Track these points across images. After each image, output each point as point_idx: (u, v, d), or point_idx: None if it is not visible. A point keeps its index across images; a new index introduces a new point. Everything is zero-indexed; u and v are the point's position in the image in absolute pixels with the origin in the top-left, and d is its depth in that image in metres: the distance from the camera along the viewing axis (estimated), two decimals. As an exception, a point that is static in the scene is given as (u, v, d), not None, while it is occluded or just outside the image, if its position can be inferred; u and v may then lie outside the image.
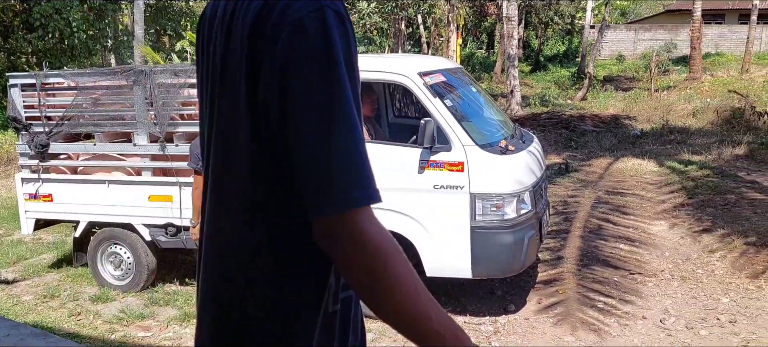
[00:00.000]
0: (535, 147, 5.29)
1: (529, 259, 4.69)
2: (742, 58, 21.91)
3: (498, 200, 4.46)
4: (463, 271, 4.61)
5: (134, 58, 16.85)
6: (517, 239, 4.51)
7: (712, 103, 15.70)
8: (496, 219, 4.48)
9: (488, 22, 35.02)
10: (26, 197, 5.96)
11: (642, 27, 35.11)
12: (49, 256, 7.14)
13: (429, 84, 4.69)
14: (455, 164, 4.48)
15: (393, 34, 27.57)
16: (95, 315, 5.36)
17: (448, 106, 4.63)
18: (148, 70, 5.35)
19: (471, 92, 5.56)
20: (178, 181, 5.34)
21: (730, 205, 7.63)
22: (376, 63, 5.09)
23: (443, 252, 4.63)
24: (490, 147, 4.59)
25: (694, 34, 20.07)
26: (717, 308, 5.03)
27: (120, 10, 23.12)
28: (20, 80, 5.80)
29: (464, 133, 4.51)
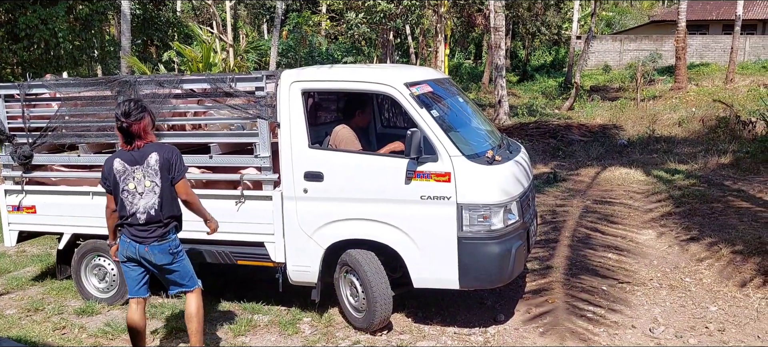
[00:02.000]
0: (523, 157, 5.26)
1: (516, 269, 4.65)
2: (727, 68, 22.17)
3: (485, 210, 4.41)
4: (450, 282, 4.56)
5: (121, 69, 16.76)
6: (504, 249, 4.46)
7: (698, 112, 15.86)
8: (484, 230, 4.43)
9: (476, 33, 35.21)
10: (9, 209, 5.87)
11: (627, 38, 35.46)
12: (33, 269, 7.03)
13: (416, 95, 4.64)
14: (442, 174, 4.42)
15: (381, 45, 27.61)
16: (80, 328, 5.28)
17: (434, 116, 4.59)
18: (132, 81, 5.29)
19: (458, 102, 5.54)
20: None
21: (716, 213, 7.69)
22: (363, 74, 5.05)
23: (430, 263, 4.56)
24: (477, 157, 4.55)
25: (679, 44, 20.29)
26: (705, 316, 5.04)
27: (107, 20, 23.00)
28: (3, 91, 5.72)
29: (451, 143, 4.46)
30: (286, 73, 4.89)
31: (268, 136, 4.88)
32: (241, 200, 5.03)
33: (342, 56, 28.87)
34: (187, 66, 15.13)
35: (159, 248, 4.07)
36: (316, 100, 5.77)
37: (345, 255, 4.85)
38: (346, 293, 4.99)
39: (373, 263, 4.72)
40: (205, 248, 5.21)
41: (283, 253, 4.99)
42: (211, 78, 5.11)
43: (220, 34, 19.17)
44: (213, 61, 14.80)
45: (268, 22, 32.39)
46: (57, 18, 17.81)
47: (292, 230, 4.92)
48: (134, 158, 4.01)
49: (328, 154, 4.87)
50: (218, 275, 6.11)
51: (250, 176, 5.04)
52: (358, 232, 4.73)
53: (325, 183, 4.74)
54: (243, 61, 18.93)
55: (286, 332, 5.03)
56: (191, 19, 26.92)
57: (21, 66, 18.94)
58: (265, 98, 4.84)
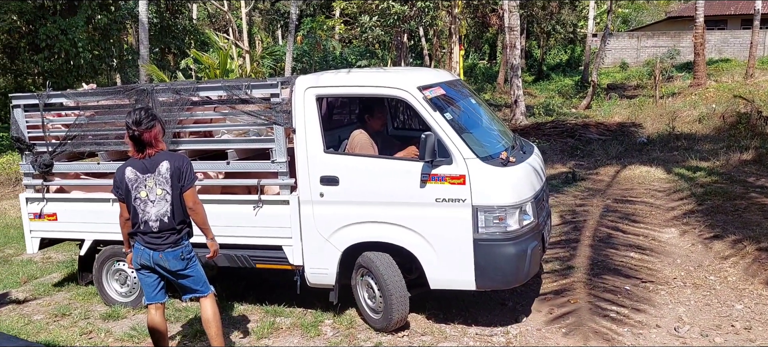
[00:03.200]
0: (536, 157, 5.26)
1: (532, 269, 4.66)
2: (746, 63, 21.88)
3: (500, 212, 4.43)
4: (466, 283, 4.60)
5: (140, 77, 16.95)
6: (520, 250, 4.48)
7: (718, 108, 15.67)
8: (499, 231, 4.45)
9: (490, 33, 35.14)
10: (31, 217, 5.96)
11: (644, 34, 35.13)
12: (59, 274, 7.14)
13: (429, 98, 4.66)
14: (457, 177, 4.45)
15: (395, 47, 27.65)
16: (106, 333, 5.35)
17: (448, 119, 4.60)
18: (149, 89, 5.33)
19: (471, 103, 5.55)
20: None
21: (740, 210, 7.60)
22: (375, 78, 5.08)
23: (447, 265, 4.60)
24: (491, 159, 4.56)
25: (697, 40, 20.06)
26: (731, 315, 4.99)
27: (125, 29, 23.29)
28: (23, 101, 5.81)
29: (465, 146, 4.48)
30: (300, 79, 4.94)
31: (284, 141, 4.94)
32: (259, 204, 5.09)
33: (356, 60, 28.95)
34: (204, 73, 15.26)
35: (173, 254, 4.12)
36: (332, 105, 5.80)
37: (361, 258, 4.89)
38: (364, 295, 5.05)
39: (388, 264, 4.76)
40: (224, 253, 5.22)
41: (300, 256, 5.06)
42: (226, 85, 5.16)
43: (236, 41, 19.32)
44: (230, 67, 14.89)
45: (283, 28, 32.61)
46: (76, 28, 18.09)
47: (309, 234, 4.98)
48: (146, 167, 4.06)
49: (343, 158, 4.90)
50: (239, 278, 6.16)
51: (268, 182, 5.10)
52: (373, 235, 4.77)
53: (341, 187, 4.78)
54: (259, 67, 19.05)
55: (308, 334, 5.06)
56: (207, 26, 27.17)
57: (42, 76, 19.27)
58: (280, 104, 4.88)
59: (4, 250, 8.66)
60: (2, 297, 6.46)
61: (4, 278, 7.21)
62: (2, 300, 6.37)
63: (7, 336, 4.83)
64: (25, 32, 19.02)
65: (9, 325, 5.60)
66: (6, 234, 9.49)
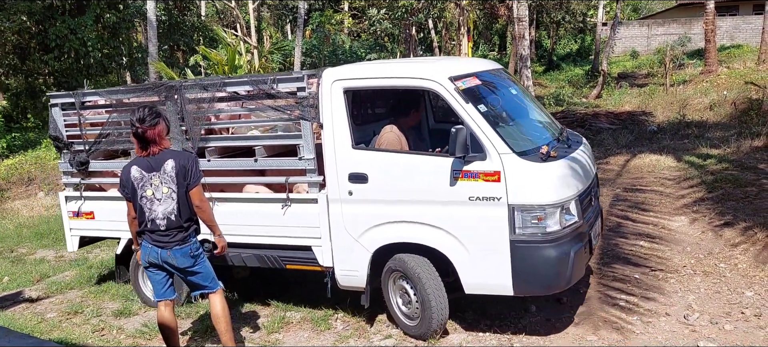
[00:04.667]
0: (583, 151, 4.89)
1: (575, 274, 4.31)
2: (758, 49, 21.62)
3: (539, 211, 4.10)
4: (503, 288, 4.30)
5: (149, 75, 17.04)
6: (561, 253, 4.14)
7: (729, 95, 15.52)
8: (538, 232, 4.12)
9: (499, 24, 34.99)
10: (70, 215, 5.97)
11: (655, 22, 34.83)
12: (71, 273, 7.23)
13: (461, 89, 4.36)
14: (491, 173, 4.15)
15: (404, 40, 27.60)
16: (118, 329, 5.41)
17: (482, 111, 4.29)
18: (178, 85, 5.23)
19: (511, 94, 5.20)
20: (210, 197, 5.17)
21: (750, 198, 7.53)
22: (405, 69, 4.81)
23: (482, 269, 4.30)
24: (529, 154, 4.23)
25: (708, 26, 19.85)
26: (741, 302, 4.96)
27: (133, 27, 23.41)
28: (60, 100, 5.81)
29: (500, 140, 4.17)
30: (327, 71, 4.73)
31: (311, 137, 4.76)
32: (287, 203, 4.94)
33: (365, 53, 28.93)
34: (213, 69, 15.31)
35: (181, 252, 4.14)
36: (366, 98, 5.55)
37: (396, 260, 4.64)
38: (396, 300, 4.80)
39: (426, 267, 4.51)
40: (254, 253, 5.15)
41: (330, 257, 4.86)
42: (252, 80, 5.01)
43: (245, 37, 19.36)
44: (238, 63, 14.94)
45: (291, 23, 32.64)
46: (85, 27, 18.21)
47: (339, 234, 4.77)
48: (151, 165, 4.08)
49: (371, 154, 4.66)
50: (255, 277, 6.20)
51: (296, 180, 4.94)
52: (405, 235, 4.53)
53: (370, 185, 4.56)
54: (267, 62, 19.08)
55: (318, 328, 5.09)
56: (215, 22, 27.24)
57: (52, 76, 19.42)
58: (307, 98, 4.70)
59: (17, 249, 8.77)
60: (16, 296, 6.55)
61: (18, 277, 7.31)
62: (16, 299, 6.46)
63: (21, 335, 4.90)
64: (35, 32, 19.17)
65: (22, 323, 5.68)
66: (19, 234, 9.61)
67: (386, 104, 5.70)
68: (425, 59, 5.36)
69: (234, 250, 5.12)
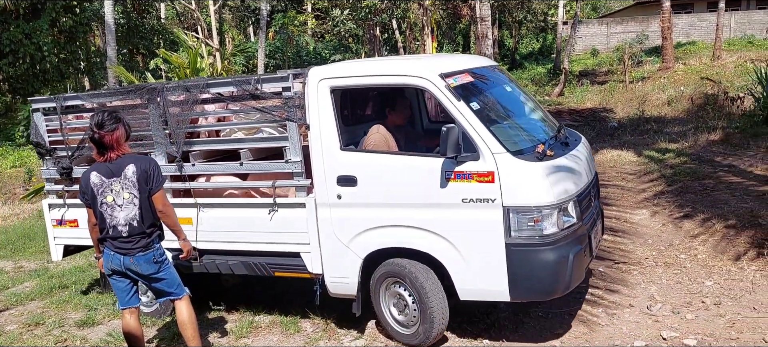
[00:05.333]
0: (582, 149, 4.73)
1: (575, 278, 4.13)
2: (713, 45, 22.27)
3: (535, 213, 3.92)
4: (499, 294, 4.11)
5: (108, 79, 16.68)
6: (560, 256, 3.96)
7: (686, 91, 15.95)
8: (535, 235, 3.94)
9: (463, 24, 35.26)
10: (54, 223, 5.75)
11: (613, 20, 35.58)
12: (31, 284, 7.03)
13: (452, 86, 4.19)
14: (484, 174, 3.97)
15: (368, 41, 27.61)
16: (82, 340, 5.29)
17: (474, 109, 4.11)
18: (161, 87, 5.02)
19: (506, 91, 5.00)
20: (196, 203, 5.03)
21: (708, 190, 7.76)
22: (394, 66, 4.64)
23: (477, 274, 4.12)
24: (524, 153, 4.06)
25: (665, 24, 20.37)
26: (701, 291, 5.10)
27: (91, 31, 22.91)
28: (42, 104, 5.57)
29: (493, 139, 3.99)
30: (313, 70, 4.54)
31: (298, 139, 4.56)
32: (274, 208, 4.74)
33: (330, 55, 28.87)
34: (174, 73, 15.09)
35: (144, 259, 4.06)
36: (355, 98, 5.33)
37: (390, 265, 4.45)
38: (389, 307, 4.60)
39: (428, 273, 4.31)
40: (241, 260, 4.97)
41: (319, 263, 4.65)
42: (236, 80, 4.79)
43: (206, 39, 19.12)
44: (200, 66, 14.73)
45: (254, 24, 32.35)
46: (41, 32, 17.76)
47: (328, 240, 4.57)
48: (111, 170, 3.99)
49: (360, 156, 4.47)
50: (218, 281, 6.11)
51: (282, 184, 4.74)
52: (396, 240, 4.34)
53: (359, 188, 4.36)
54: (230, 64, 18.88)
55: (288, 331, 5.05)
56: (176, 25, 26.83)
57: (7, 82, 18.87)
58: (293, 98, 4.49)
59: (-26, 261, 8.49)
60: (-27, 309, 6.33)
61: (-25, 289, 7.07)
62: (-27, 312, 6.25)
63: (-21, 348, 4.74)
64: (-12, 38, 18.61)
65: (-19, 337, 5.50)
66: (-24, 245, 9.31)
67: (374, 104, 5.51)
68: (417, 56, 5.12)
69: (221, 257, 5.00)
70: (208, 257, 5.09)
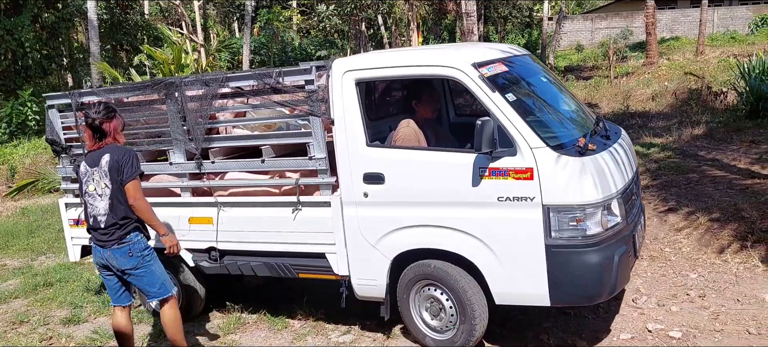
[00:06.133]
0: (623, 143, 4.48)
1: (621, 281, 3.90)
2: (696, 40, 22.50)
3: (578, 212, 3.66)
4: (539, 298, 3.86)
5: (92, 76, 16.52)
6: (604, 258, 3.71)
7: (670, 86, 16.10)
8: (577, 236, 3.68)
9: (448, 20, 35.29)
10: (70, 223, 5.52)
11: (598, 16, 35.81)
12: (15, 282, 6.95)
13: (487, 76, 3.91)
14: (523, 170, 3.71)
15: (354, 36, 27.56)
16: (67, 337, 5.24)
17: (510, 101, 3.84)
18: (178, 82, 4.80)
19: (541, 81, 4.73)
20: (217, 201, 4.83)
21: (692, 183, 7.83)
22: (423, 56, 4.34)
23: (514, 277, 3.88)
24: (565, 148, 3.80)
25: (649, 20, 20.53)
26: (686, 284, 5.15)
27: (74, 27, 22.66)
28: (57, 101, 5.37)
29: (531, 132, 3.72)
30: (337, 62, 4.31)
31: (322, 135, 4.33)
32: (298, 206, 4.52)
33: (315, 50, 28.79)
34: (158, 69, 14.98)
35: (119, 252, 3.97)
36: (381, 90, 5.10)
37: (422, 267, 4.22)
38: (420, 311, 4.37)
39: (466, 275, 4.08)
40: (264, 261, 4.76)
41: (346, 265, 4.43)
42: (256, 74, 4.55)
43: (191, 35, 18.99)
44: (185, 62, 14.67)
45: (239, 20, 32.14)
46: (22, 28, 17.53)
47: (355, 240, 4.35)
48: (94, 160, 3.95)
49: (387, 152, 4.25)
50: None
51: (306, 182, 4.51)
52: (427, 240, 4.11)
53: (387, 185, 4.13)
54: (215, 60, 18.78)
55: (275, 327, 5.04)
56: (160, 20, 26.61)
57: (-11, 78, 18.62)
58: (316, 92, 4.27)
59: (-45, 259, 8.37)
60: (-44, 308, 6.25)
61: (-43, 288, 6.98)
62: (-44, 311, 6.17)
63: (-38, 347, 4.69)
64: (-31, 34, 18.34)
65: (-36, 336, 5.44)
66: (-43, 243, 9.17)
67: (400, 96, 5.28)
68: (446, 45, 4.78)
69: (243, 258, 4.83)
70: (229, 258, 4.91)
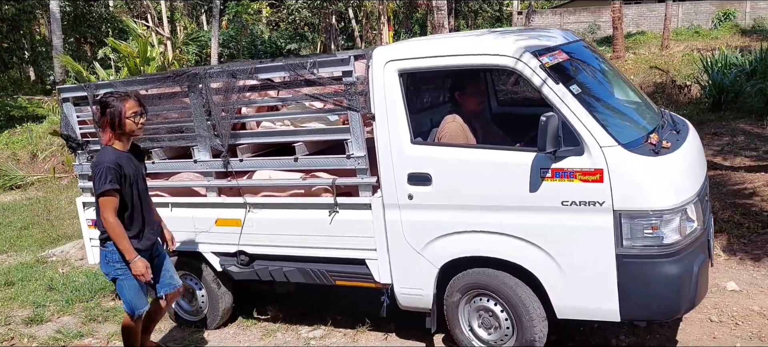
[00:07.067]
0: (694, 140, 4.04)
1: (700, 294, 3.53)
2: (662, 35, 22.91)
3: (654, 218, 3.30)
4: (607, 313, 3.52)
5: (54, 69, 16.13)
6: (683, 269, 3.35)
7: (636, 79, 16.36)
8: (653, 244, 3.33)
9: (420, 13, 35.37)
10: (89, 224, 5.12)
11: (567, 11, 36.22)
12: (-26, 282, 6.74)
13: (549, 66, 3.55)
14: (591, 172, 3.35)
15: (324, 30, 27.45)
16: (30, 338, 5.10)
17: (575, 93, 3.47)
18: (202, 73, 4.41)
19: (601, 70, 4.29)
20: (245, 202, 4.44)
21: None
22: (474, 44, 3.85)
23: (579, 289, 3.54)
24: (636, 146, 3.41)
25: (615, 14, 20.81)
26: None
27: (35, 19, 22.09)
28: (72, 93, 5.01)
29: (601, 129, 3.35)
30: (378, 51, 3.93)
31: (361, 131, 3.96)
32: (335, 209, 4.15)
33: (286, 44, 28.58)
34: (123, 62, 14.70)
35: (101, 255, 3.83)
36: (418, 81, 4.61)
37: (475, 275, 3.87)
38: (471, 324, 3.99)
39: (523, 286, 3.74)
40: (298, 267, 4.41)
41: (388, 272, 4.07)
42: (288, 64, 4.15)
43: (157, 28, 18.68)
44: (150, 55, 14.41)
45: (207, 13, 31.72)
46: (-19, 20, 17.03)
47: (398, 246, 3.98)
48: None
49: (435, 150, 3.86)
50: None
51: (344, 182, 4.14)
52: (477, 248, 3.76)
53: (434, 187, 3.76)
54: (182, 53, 18.50)
55: (244, 323, 4.98)
56: (125, 13, 26.11)
57: (-54, 72, 18.07)
58: (354, 84, 3.89)
59: None
60: None
61: None
62: None
63: None
64: (-76, 26, 17.77)
65: None
66: None
67: (442, 87, 4.86)
68: (491, 31, 4.34)
69: (275, 263, 4.49)
70: (260, 263, 4.56)
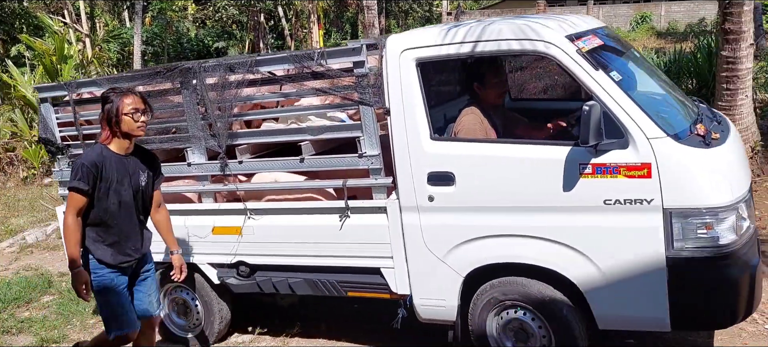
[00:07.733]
0: (736, 131, 3.72)
1: (757, 299, 3.24)
2: (583, 36, 23.82)
3: (709, 217, 2.99)
4: (656, 323, 3.20)
5: (-40, 67, 15.10)
6: (740, 271, 3.07)
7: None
8: (707, 246, 3.02)
9: (350, 12, 35.34)
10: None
11: (494, 12, 37.04)
12: None
13: (585, 51, 3.22)
14: (637, 167, 3.04)
15: (253, 28, 26.98)
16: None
17: (616, 80, 3.15)
18: (196, 67, 4.03)
19: (635, 58, 3.98)
20: (246, 208, 4.09)
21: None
22: (502, 29, 3.40)
23: (624, 297, 3.21)
24: (684, 138, 3.09)
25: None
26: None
27: (-60, 13, 20.67)
28: (50, 93, 4.58)
29: (647, 119, 3.03)
30: (392, 39, 3.57)
31: (375, 128, 3.62)
32: (346, 213, 3.78)
33: (213, 42, 27.92)
34: (39, 60, 13.96)
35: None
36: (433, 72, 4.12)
37: (506, 284, 3.52)
38: (501, 338, 3.64)
39: (560, 295, 3.41)
40: (305, 277, 4.05)
41: (406, 282, 3.72)
42: (294, 56, 3.81)
43: (74, 24, 17.84)
44: (68, 53, 13.74)
45: (130, 9, 30.55)
46: None
47: (417, 252, 3.63)
48: None
49: (459, 146, 3.49)
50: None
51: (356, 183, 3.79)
52: (508, 253, 3.42)
53: (458, 187, 3.42)
54: (102, 51, 17.74)
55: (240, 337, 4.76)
56: (40, 9, 24.79)
57: None
58: (367, 76, 3.56)
59: None
60: None
61: None
62: None
63: None
64: None
65: None
66: None
67: (458, 77, 4.48)
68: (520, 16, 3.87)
69: (279, 274, 4.14)
70: (262, 274, 4.20)
